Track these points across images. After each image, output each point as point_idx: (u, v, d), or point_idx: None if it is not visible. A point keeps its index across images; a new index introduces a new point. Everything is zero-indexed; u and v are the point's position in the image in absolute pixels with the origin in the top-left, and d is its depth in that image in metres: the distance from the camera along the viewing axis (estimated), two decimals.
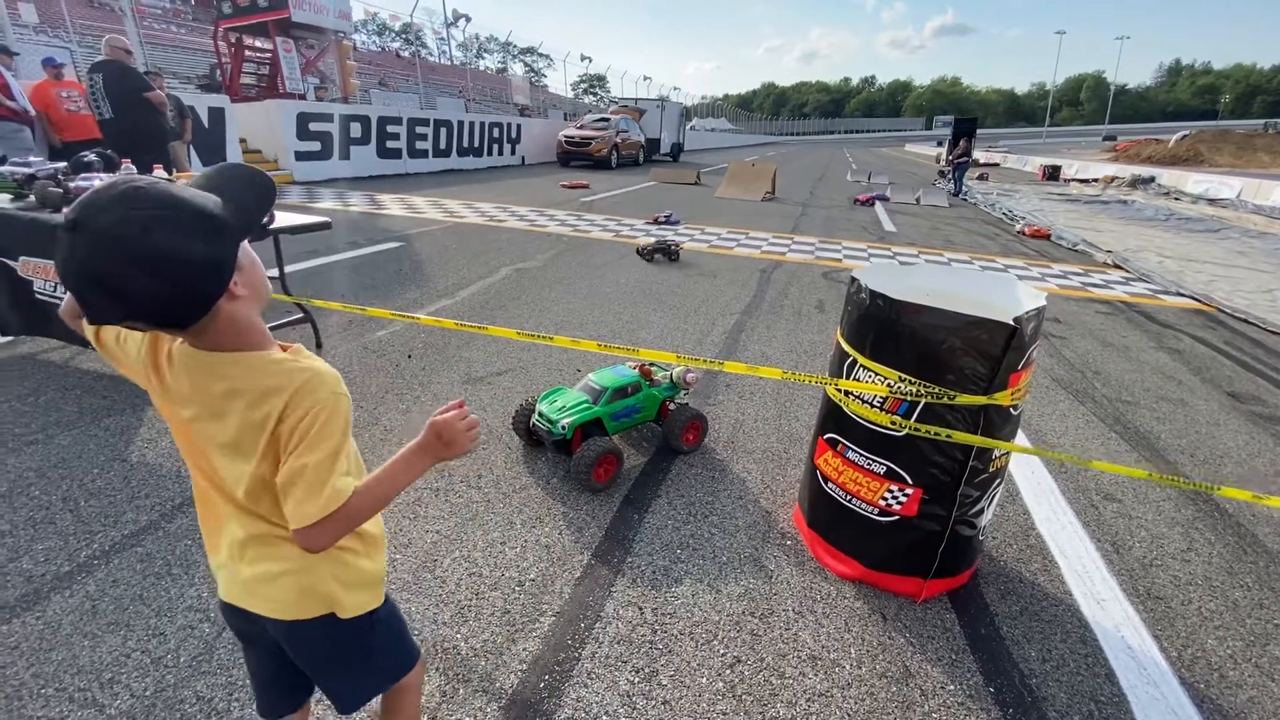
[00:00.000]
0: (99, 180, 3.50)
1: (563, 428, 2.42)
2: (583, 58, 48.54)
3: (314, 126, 12.79)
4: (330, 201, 9.83)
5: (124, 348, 0.94)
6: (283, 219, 3.25)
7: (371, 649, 1.07)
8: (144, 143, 5.89)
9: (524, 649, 1.67)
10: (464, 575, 1.93)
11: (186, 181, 0.83)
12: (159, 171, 3.34)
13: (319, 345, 3.70)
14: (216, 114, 10.61)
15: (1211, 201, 15.45)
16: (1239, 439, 3.18)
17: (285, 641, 1.01)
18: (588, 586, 1.92)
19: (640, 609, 1.84)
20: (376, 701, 1.22)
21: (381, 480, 0.91)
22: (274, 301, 4.13)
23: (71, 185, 3.46)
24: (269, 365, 0.86)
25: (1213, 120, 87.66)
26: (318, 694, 1.29)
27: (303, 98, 14.55)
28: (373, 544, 1.04)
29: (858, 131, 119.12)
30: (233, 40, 15.32)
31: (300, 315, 3.63)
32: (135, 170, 3.68)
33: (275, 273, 3.48)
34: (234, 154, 11.05)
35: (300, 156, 12.56)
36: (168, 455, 2.52)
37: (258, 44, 15.77)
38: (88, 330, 0.95)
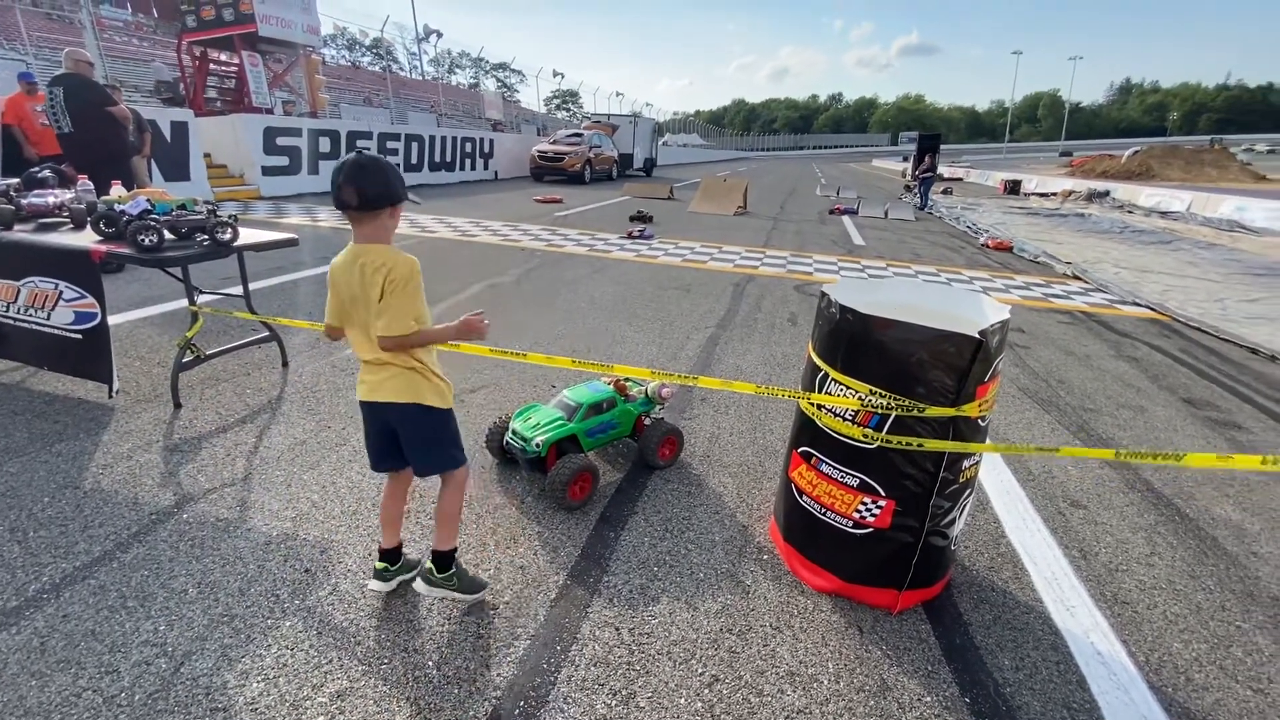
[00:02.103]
0: (52, 197, 3.40)
1: (537, 445, 2.39)
2: (555, 74, 48.81)
3: (281, 141, 12.61)
4: (298, 217, 9.67)
5: (337, 300, 1.71)
6: (247, 235, 3.17)
7: (440, 439, 1.79)
8: (105, 158, 5.73)
9: (498, 675, 1.63)
10: (436, 600, 1.88)
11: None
12: (117, 188, 3.24)
13: (285, 364, 3.61)
14: (179, 128, 10.38)
15: (1163, 214, 16.09)
16: (1196, 444, 3.28)
17: (396, 418, 1.73)
18: (564, 608, 1.89)
19: (617, 629, 1.81)
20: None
21: (426, 335, 1.68)
22: (238, 320, 4.03)
23: (24, 201, 3.35)
24: (385, 251, 1.61)
25: (1162, 136, 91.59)
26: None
27: (270, 112, 14.35)
28: (444, 383, 1.81)
29: (826, 147, 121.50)
30: (197, 54, 15.07)
31: (266, 334, 3.55)
32: (92, 186, 3.57)
33: (239, 290, 3.39)
34: (198, 169, 10.81)
35: (267, 171, 12.36)
36: (124, 481, 2.42)
37: (223, 58, 15.54)
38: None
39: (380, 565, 1.88)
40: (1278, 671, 1.80)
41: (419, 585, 1.85)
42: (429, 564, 1.85)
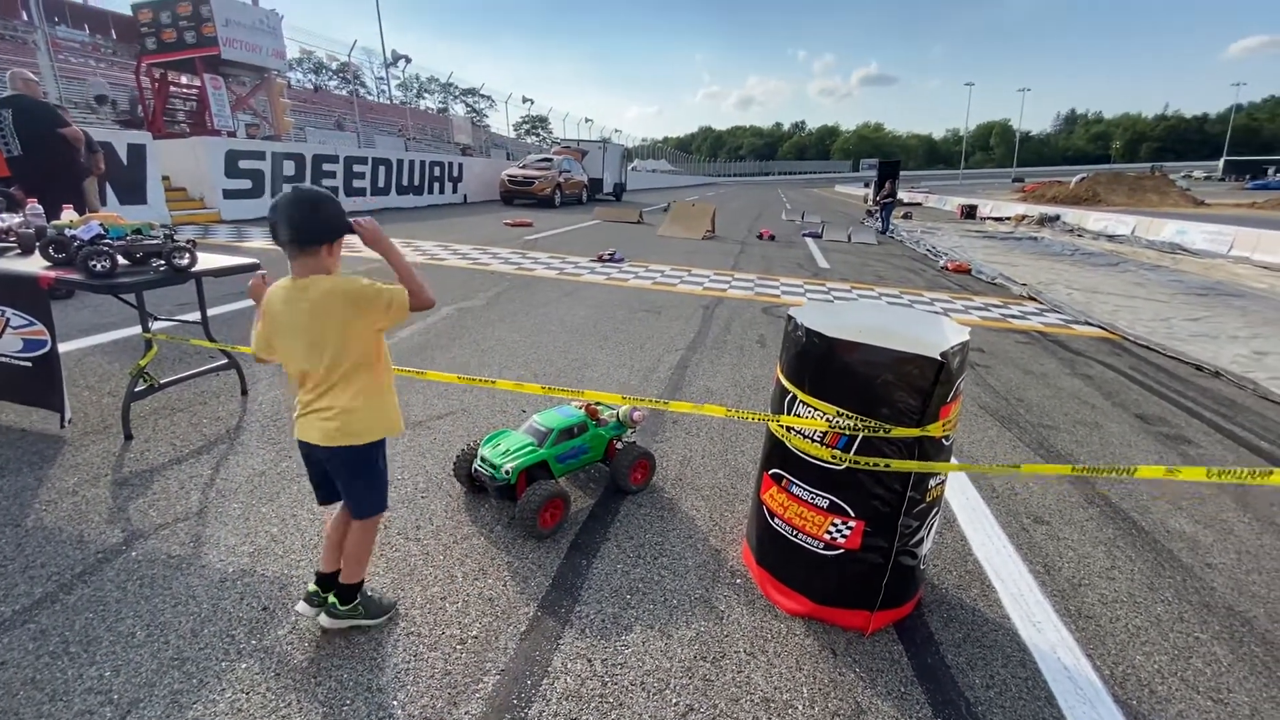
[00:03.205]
0: None
1: (506, 472, 2.35)
2: (525, 99, 49.23)
3: (244, 164, 12.41)
4: (261, 240, 9.48)
5: (269, 331, 1.67)
6: (206, 260, 3.09)
7: (370, 484, 1.75)
8: (57, 181, 5.55)
9: (466, 713, 1.58)
10: (401, 635, 1.82)
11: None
12: (68, 212, 3.14)
13: (244, 392, 3.50)
14: (136, 150, 10.14)
15: (1110, 238, 16.85)
16: (1149, 458, 3.39)
17: (325, 458, 1.70)
18: (534, 640, 1.84)
19: (589, 661, 1.78)
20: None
21: (410, 279, 1.70)
22: (195, 348, 3.90)
23: None
24: (328, 280, 1.60)
25: (1106, 164, 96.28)
26: None
27: (233, 135, 14.13)
28: (387, 409, 1.74)
29: (791, 173, 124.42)
30: (156, 76, 14.82)
31: (224, 361, 3.44)
32: (42, 210, 3.45)
33: (197, 316, 3.29)
34: (155, 192, 10.55)
35: (229, 195, 12.13)
36: (69, 518, 2.30)
37: (184, 80, 15.30)
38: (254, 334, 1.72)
39: (313, 589, 1.83)
40: (1236, 681, 1.85)
41: (324, 620, 1.78)
42: (332, 597, 1.78)
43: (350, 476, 1.73)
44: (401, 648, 1.78)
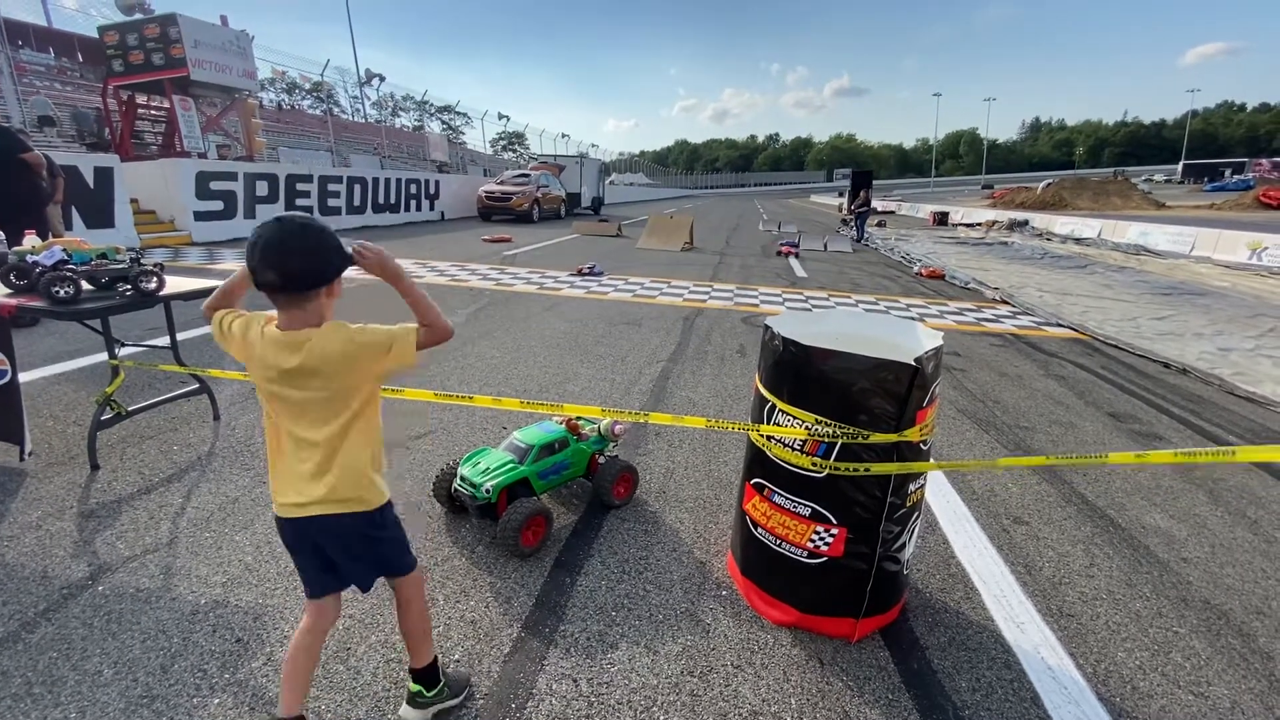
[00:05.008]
0: None
1: (487, 491, 2.32)
2: (501, 116, 49.22)
3: (215, 185, 12.25)
4: (233, 262, 9.34)
5: (230, 333, 1.42)
6: (175, 284, 3.03)
7: (395, 543, 1.51)
8: (19, 207, 5.43)
9: None
10: (381, 663, 1.78)
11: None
12: (30, 237, 3.06)
13: (216, 417, 3.42)
14: (104, 174, 9.96)
15: (1078, 241, 17.27)
16: None
17: (333, 533, 1.41)
18: (518, 662, 1.81)
19: (575, 681, 1.75)
20: None
21: (422, 306, 1.47)
22: (165, 373, 3.81)
23: None
24: (317, 335, 1.34)
25: (1070, 169, 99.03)
26: None
27: (203, 156, 13.96)
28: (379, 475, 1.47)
29: (766, 185, 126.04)
30: (124, 98, 14.62)
31: (195, 386, 3.37)
32: (3, 236, 3.37)
33: (166, 341, 3.22)
34: (123, 216, 10.36)
35: (200, 216, 11.95)
36: (32, 553, 2.22)
37: (153, 102, 15.10)
38: (213, 322, 1.46)
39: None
40: (1215, 674, 1.87)
41: (409, 713, 1.56)
42: (414, 685, 1.56)
43: (369, 544, 1.45)
44: (382, 676, 1.74)
